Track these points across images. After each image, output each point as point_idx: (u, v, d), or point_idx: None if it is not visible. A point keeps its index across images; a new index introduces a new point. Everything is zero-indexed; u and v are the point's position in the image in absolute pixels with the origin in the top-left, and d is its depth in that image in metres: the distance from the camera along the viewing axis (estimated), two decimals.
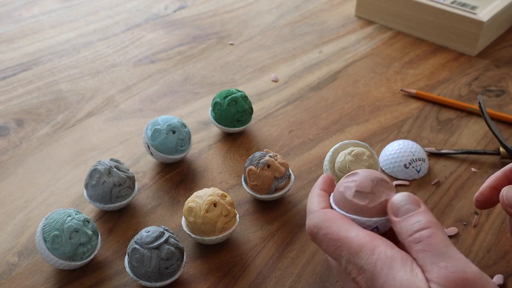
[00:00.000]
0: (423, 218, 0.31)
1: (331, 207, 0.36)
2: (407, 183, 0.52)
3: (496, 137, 0.40)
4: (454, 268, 0.29)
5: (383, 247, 0.31)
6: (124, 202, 0.48)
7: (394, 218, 0.33)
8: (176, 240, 0.42)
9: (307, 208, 0.36)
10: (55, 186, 0.52)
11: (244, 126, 0.57)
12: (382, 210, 0.34)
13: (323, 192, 0.37)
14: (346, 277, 0.35)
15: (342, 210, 0.35)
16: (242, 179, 0.50)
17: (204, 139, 0.58)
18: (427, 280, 0.29)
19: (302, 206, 0.50)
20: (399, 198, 0.33)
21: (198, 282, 0.43)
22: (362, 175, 0.35)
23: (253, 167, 0.48)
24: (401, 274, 0.29)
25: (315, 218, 0.35)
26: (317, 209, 0.35)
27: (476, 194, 0.41)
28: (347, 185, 0.35)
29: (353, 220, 0.34)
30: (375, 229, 0.34)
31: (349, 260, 0.32)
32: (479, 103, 0.49)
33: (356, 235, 0.32)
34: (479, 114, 0.62)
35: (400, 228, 0.32)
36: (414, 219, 0.32)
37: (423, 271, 0.30)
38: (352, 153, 0.45)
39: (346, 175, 0.36)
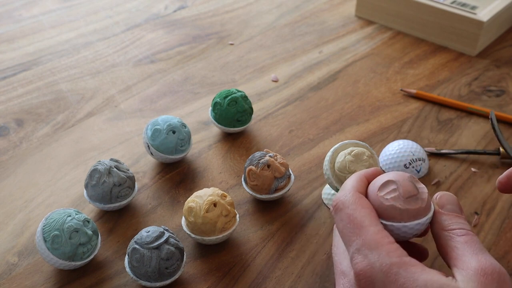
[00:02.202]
0: (466, 224, 0.34)
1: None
2: None
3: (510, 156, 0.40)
4: (493, 262, 0.30)
5: (399, 252, 0.31)
6: (124, 202, 0.48)
7: (438, 209, 0.35)
8: (176, 240, 0.42)
9: (343, 184, 0.37)
10: (55, 186, 0.52)
11: (244, 126, 0.57)
12: (429, 205, 0.35)
13: (365, 180, 0.37)
14: (342, 276, 0.35)
15: (400, 222, 0.34)
16: (242, 179, 0.50)
17: (204, 139, 0.58)
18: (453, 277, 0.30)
19: (302, 206, 0.50)
20: (449, 196, 0.35)
21: (198, 282, 0.43)
22: (398, 180, 0.34)
23: (253, 167, 0.48)
24: (424, 276, 0.30)
25: (346, 196, 0.35)
26: (351, 188, 0.35)
27: (500, 176, 0.41)
28: (390, 196, 0.34)
29: (414, 227, 0.34)
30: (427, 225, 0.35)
31: (359, 250, 0.32)
32: (491, 119, 0.48)
33: (377, 231, 0.32)
34: (479, 114, 0.62)
35: (443, 219, 0.34)
36: (458, 219, 0.34)
37: (453, 267, 0.31)
38: (352, 153, 0.45)
39: (378, 188, 0.35)
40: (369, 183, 0.37)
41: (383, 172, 0.38)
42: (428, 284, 0.29)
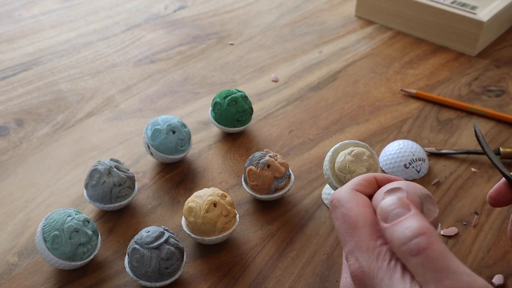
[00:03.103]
0: (415, 223, 0.28)
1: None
2: None
3: (497, 167, 0.38)
4: (462, 285, 0.26)
5: (388, 256, 0.30)
6: (124, 202, 0.48)
7: (383, 225, 0.30)
8: (176, 240, 0.42)
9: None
10: (55, 186, 0.52)
11: (244, 126, 0.57)
12: (436, 227, 0.32)
13: (373, 180, 0.34)
14: (346, 269, 0.34)
15: None
16: (242, 179, 0.50)
17: (204, 139, 0.58)
18: None
19: (302, 206, 0.50)
20: (388, 202, 0.30)
21: (198, 282, 0.43)
22: (408, 192, 0.32)
23: (253, 167, 0.48)
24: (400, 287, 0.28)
25: (342, 193, 0.33)
26: (349, 185, 0.33)
27: (491, 190, 0.40)
28: None
29: None
30: None
31: (352, 251, 0.31)
32: (475, 131, 0.42)
33: (369, 233, 0.31)
34: (479, 114, 0.62)
35: (390, 234, 0.29)
36: (405, 224, 0.29)
37: None
38: (352, 153, 0.45)
39: (387, 190, 0.33)
40: (378, 185, 0.35)
41: (398, 178, 0.36)
42: None
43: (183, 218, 0.46)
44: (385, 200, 0.30)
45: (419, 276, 0.27)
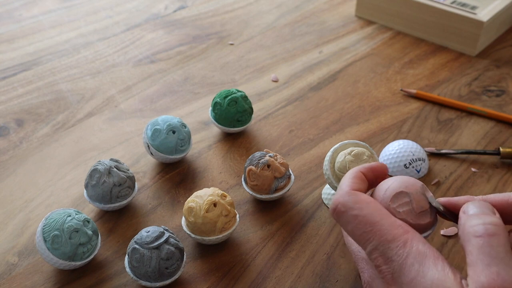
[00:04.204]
0: (495, 218, 0.30)
1: None
2: None
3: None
4: (506, 276, 0.27)
5: (415, 241, 0.30)
6: (124, 202, 0.48)
7: (462, 215, 0.31)
8: (176, 240, 0.42)
9: (340, 184, 0.35)
10: (55, 186, 0.52)
11: (244, 126, 0.57)
12: (436, 217, 0.34)
13: (362, 175, 0.35)
14: (365, 263, 0.34)
15: None
16: (242, 179, 0.50)
17: (204, 139, 0.58)
18: (460, 279, 0.28)
19: (302, 206, 0.50)
20: (475, 202, 0.32)
21: (198, 282, 0.43)
22: (411, 193, 0.33)
23: (253, 167, 0.48)
24: (433, 273, 0.28)
25: (344, 197, 0.33)
26: (347, 189, 0.34)
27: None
28: (402, 209, 0.33)
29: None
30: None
31: (376, 247, 0.31)
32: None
33: (390, 224, 0.31)
34: (479, 114, 0.62)
35: (466, 220, 0.30)
36: (485, 217, 0.30)
37: (468, 271, 0.28)
38: (352, 153, 0.45)
39: (391, 197, 0.34)
40: (367, 178, 0.36)
41: (381, 166, 0.36)
42: (433, 285, 0.28)
43: (183, 218, 0.46)
44: (476, 202, 0.32)
45: (472, 256, 0.28)
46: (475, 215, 0.30)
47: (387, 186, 0.35)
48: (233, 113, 0.56)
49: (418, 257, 0.29)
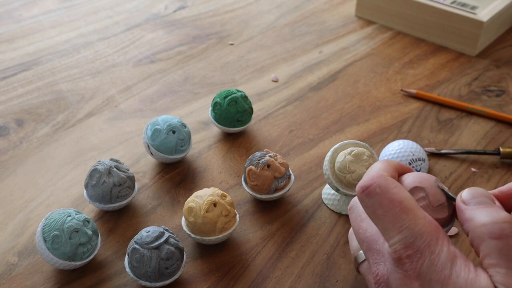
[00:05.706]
0: (502, 212, 0.29)
1: None
2: None
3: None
4: None
5: (446, 241, 0.29)
6: (124, 202, 0.48)
7: (462, 206, 0.30)
8: (176, 240, 0.42)
9: (369, 169, 0.33)
10: (55, 186, 0.52)
11: (244, 126, 0.57)
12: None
13: (396, 166, 0.34)
14: (380, 255, 0.32)
15: None
16: (242, 179, 0.50)
17: (204, 139, 0.58)
18: (493, 283, 0.27)
19: (302, 206, 0.50)
20: (473, 190, 0.31)
21: (198, 282, 0.43)
22: (427, 187, 0.32)
23: (253, 167, 0.48)
24: (465, 274, 0.28)
25: (381, 178, 0.31)
26: (383, 172, 0.32)
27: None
28: (419, 205, 0.32)
29: None
30: None
31: (406, 237, 0.29)
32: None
33: (424, 216, 0.30)
34: (479, 114, 0.62)
35: (472, 214, 0.29)
36: (491, 210, 0.29)
37: (489, 272, 0.27)
38: (352, 153, 0.45)
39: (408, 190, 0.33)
40: (398, 175, 0.34)
41: (411, 170, 0.35)
42: (468, 285, 0.27)
43: (183, 218, 0.46)
44: (472, 188, 0.31)
45: (491, 258, 0.28)
46: (481, 209, 0.29)
47: (403, 179, 0.34)
48: (233, 113, 0.56)
49: (449, 255, 0.28)
